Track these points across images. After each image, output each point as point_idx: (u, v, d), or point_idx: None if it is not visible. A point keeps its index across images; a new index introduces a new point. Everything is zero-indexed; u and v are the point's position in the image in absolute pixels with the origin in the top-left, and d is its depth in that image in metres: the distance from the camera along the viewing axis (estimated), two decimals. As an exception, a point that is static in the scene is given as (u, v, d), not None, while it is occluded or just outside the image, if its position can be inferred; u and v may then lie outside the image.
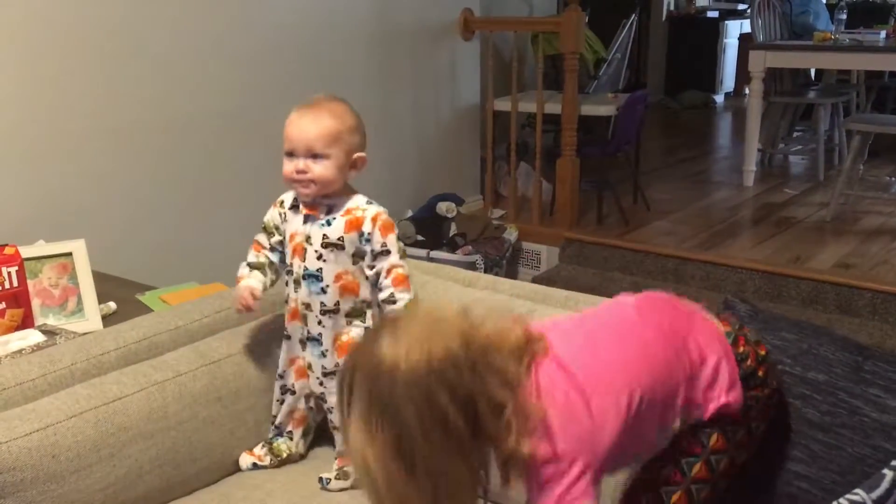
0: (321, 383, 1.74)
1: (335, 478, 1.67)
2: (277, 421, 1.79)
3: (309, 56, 3.63)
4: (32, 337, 1.88)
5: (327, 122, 1.62)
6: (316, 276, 1.68)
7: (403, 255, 1.69)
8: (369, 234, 1.66)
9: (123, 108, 2.96)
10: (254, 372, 1.80)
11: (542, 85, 4.38)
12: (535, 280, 4.11)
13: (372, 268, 1.68)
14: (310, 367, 1.75)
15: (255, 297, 1.71)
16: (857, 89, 6.15)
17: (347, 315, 1.70)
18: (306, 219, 1.69)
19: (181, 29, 3.13)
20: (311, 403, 1.79)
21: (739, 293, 3.70)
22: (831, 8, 6.10)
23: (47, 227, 2.58)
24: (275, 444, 1.78)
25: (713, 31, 8.46)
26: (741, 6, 8.62)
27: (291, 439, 1.79)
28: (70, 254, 2.19)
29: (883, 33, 5.11)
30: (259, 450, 1.77)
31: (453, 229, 4.08)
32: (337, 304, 1.69)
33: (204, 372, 1.73)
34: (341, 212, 1.67)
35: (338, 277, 1.67)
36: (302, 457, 1.80)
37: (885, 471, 1.06)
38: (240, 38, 3.35)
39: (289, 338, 1.77)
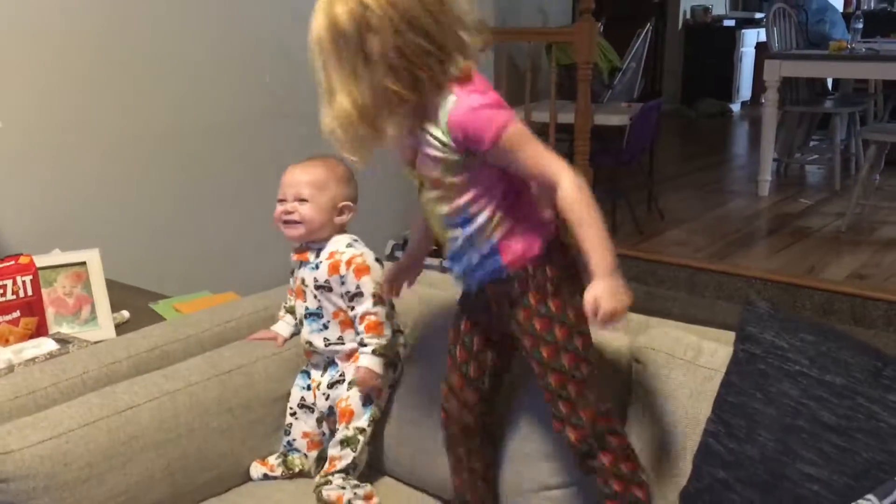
0: (327, 397, 1.76)
1: (326, 491, 1.67)
2: (290, 437, 1.81)
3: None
4: (46, 345, 1.90)
5: (317, 170, 1.75)
6: (316, 314, 1.77)
7: (379, 300, 1.72)
8: (343, 276, 1.72)
9: (139, 118, 2.99)
10: (264, 383, 1.81)
11: (555, 94, 4.38)
12: (548, 289, 4.11)
13: (352, 308, 1.73)
14: (319, 385, 1.79)
15: (277, 342, 1.87)
16: (874, 99, 6.11)
17: (354, 346, 1.76)
18: (300, 263, 1.78)
19: (200, 40, 3.15)
20: (325, 428, 1.80)
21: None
22: (848, 17, 6.07)
23: (62, 236, 2.61)
24: (289, 458, 1.79)
25: (730, 40, 8.45)
26: (758, 15, 8.60)
27: (307, 458, 1.80)
28: (84, 263, 2.21)
29: (899, 42, 5.09)
30: (273, 459, 1.78)
31: (466, 238, 4.07)
32: (340, 338, 1.76)
33: (215, 382, 1.74)
34: (326, 255, 1.75)
35: (336, 314, 1.75)
36: (313, 477, 1.80)
37: (900, 478, 1.06)
38: (258, 49, 3.37)
39: (315, 365, 1.83)
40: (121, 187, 2.96)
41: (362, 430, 1.73)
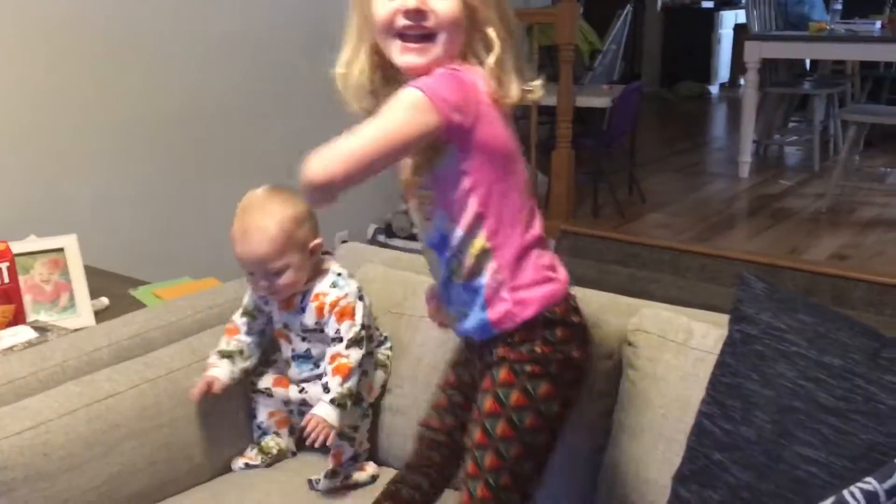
0: (301, 390, 1.71)
1: (324, 476, 1.65)
2: (258, 420, 1.76)
3: (306, 48, 3.61)
4: (24, 333, 1.86)
5: (271, 233, 1.53)
6: (306, 357, 1.68)
7: (356, 342, 1.60)
8: (327, 320, 1.62)
9: (116, 102, 2.94)
10: (247, 368, 1.78)
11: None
12: (530, 272, 4.09)
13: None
14: (291, 379, 1.74)
15: (213, 389, 1.65)
16: (851, 80, 6.14)
17: None
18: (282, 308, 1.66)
19: (175, 24, 3.10)
20: (292, 407, 1.75)
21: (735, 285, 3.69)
22: (826, -2, 6.08)
23: (38, 222, 2.55)
24: (263, 443, 1.75)
25: (708, 22, 8.45)
26: (736, -4, 8.61)
27: (279, 436, 1.77)
28: (62, 249, 2.16)
29: (878, 23, 5.10)
30: (249, 452, 1.75)
31: (449, 222, 4.06)
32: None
33: (196, 368, 1.70)
34: (311, 297, 1.63)
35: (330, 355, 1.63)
36: (294, 454, 1.77)
37: (899, 460, 1.05)
38: (235, 34, 3.33)
39: (276, 361, 1.75)
40: (99, 172, 2.91)
41: (355, 427, 1.69)
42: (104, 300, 2.20)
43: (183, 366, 1.69)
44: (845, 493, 1.05)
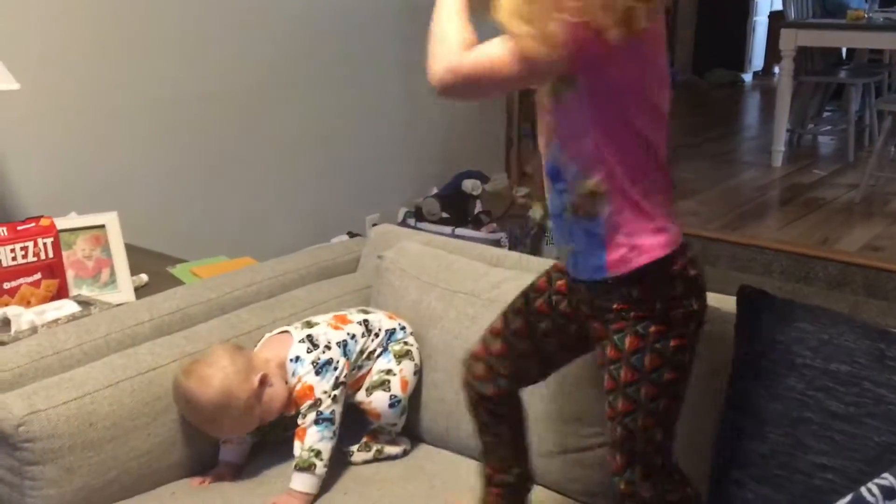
0: None
1: (357, 449, 1.70)
2: None
3: (340, 31, 3.63)
4: (68, 307, 1.90)
5: (208, 413, 1.56)
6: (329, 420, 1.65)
7: (318, 419, 1.59)
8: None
9: (156, 81, 2.97)
10: (284, 345, 1.81)
11: (569, 62, 4.34)
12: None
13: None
14: None
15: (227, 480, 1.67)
16: (889, 69, 6.05)
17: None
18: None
19: (217, 4, 3.13)
20: None
21: (767, 274, 3.68)
22: (865, -14, 6.00)
23: (79, 199, 2.61)
24: None
25: (743, 9, 8.36)
26: (772, -17, 8.50)
27: None
28: (103, 226, 2.21)
29: (918, 12, 5.04)
30: None
31: (478, 207, 4.07)
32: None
33: (235, 343, 1.74)
34: (298, 387, 1.62)
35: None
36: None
37: (914, 457, 1.06)
38: (274, 12, 3.35)
39: None
40: (138, 151, 2.95)
41: (394, 424, 1.73)
42: (143, 277, 2.24)
43: (222, 340, 1.73)
44: (863, 490, 1.06)
